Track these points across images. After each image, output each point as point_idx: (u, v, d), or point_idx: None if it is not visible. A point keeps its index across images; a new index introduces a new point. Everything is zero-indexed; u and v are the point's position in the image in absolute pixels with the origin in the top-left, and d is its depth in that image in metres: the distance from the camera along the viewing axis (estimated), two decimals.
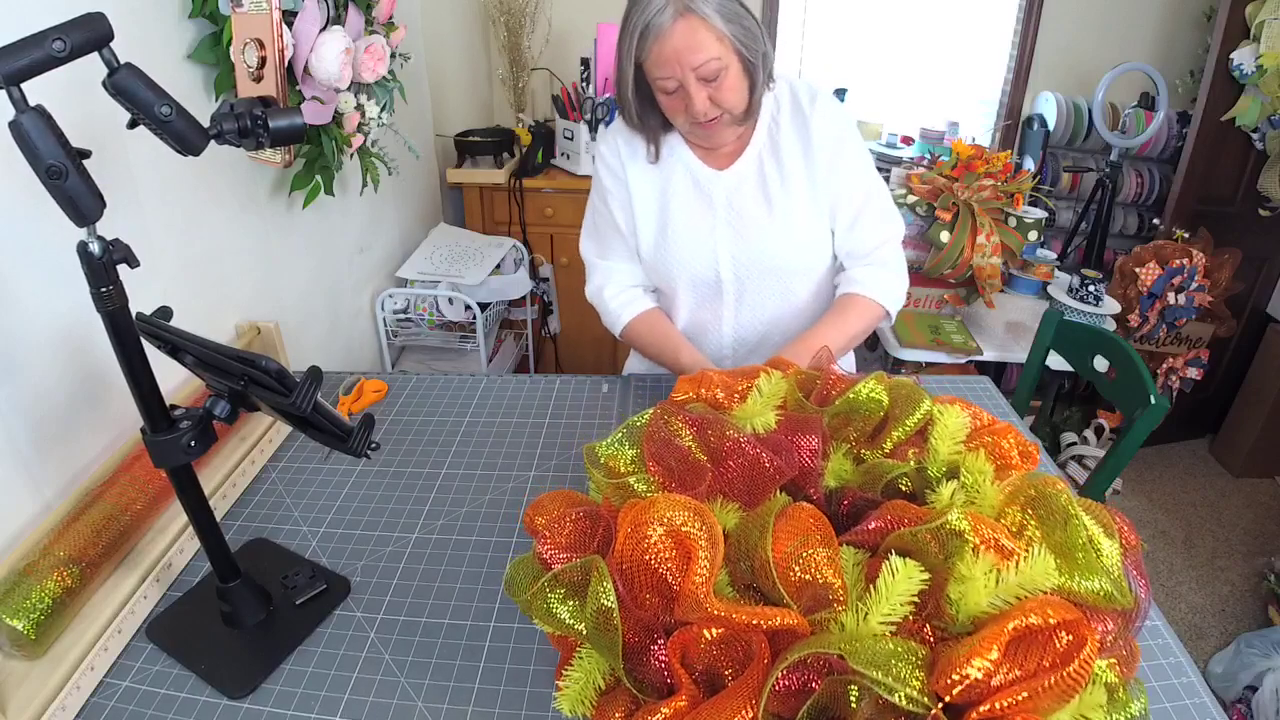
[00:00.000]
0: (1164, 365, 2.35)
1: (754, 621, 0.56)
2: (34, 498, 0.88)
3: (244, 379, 0.67)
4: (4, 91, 0.54)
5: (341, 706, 0.73)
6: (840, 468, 0.76)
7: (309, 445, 1.13)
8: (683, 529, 0.59)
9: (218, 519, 0.82)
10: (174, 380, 1.06)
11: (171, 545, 0.90)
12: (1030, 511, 0.62)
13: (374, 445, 0.71)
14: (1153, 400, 1.19)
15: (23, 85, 0.55)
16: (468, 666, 0.77)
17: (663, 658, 0.59)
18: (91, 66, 0.59)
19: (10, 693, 0.72)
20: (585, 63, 2.28)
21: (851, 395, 0.77)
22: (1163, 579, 2.25)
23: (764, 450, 0.69)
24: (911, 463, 0.72)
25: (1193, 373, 2.34)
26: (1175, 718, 0.71)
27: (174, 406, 0.71)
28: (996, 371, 2.46)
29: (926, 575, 0.56)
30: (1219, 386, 2.70)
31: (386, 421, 1.19)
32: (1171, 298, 2.17)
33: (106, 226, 0.62)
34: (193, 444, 0.71)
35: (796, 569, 0.59)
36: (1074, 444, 2.37)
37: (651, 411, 0.76)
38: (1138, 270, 2.16)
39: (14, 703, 0.70)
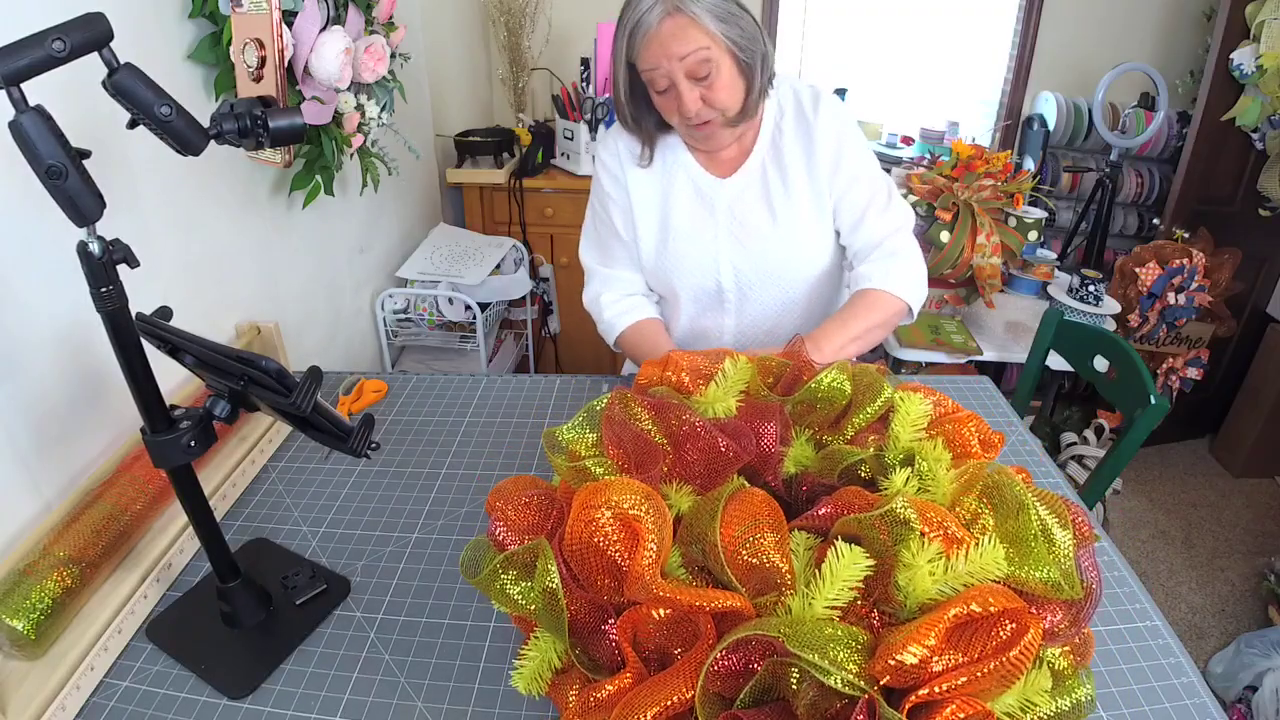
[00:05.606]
0: (1164, 365, 2.35)
1: (699, 604, 0.57)
2: (34, 498, 0.88)
3: (244, 379, 0.67)
4: (4, 91, 0.54)
5: (341, 706, 0.73)
6: (801, 454, 0.76)
7: (309, 445, 1.13)
8: (630, 512, 0.60)
9: (218, 519, 0.82)
10: (174, 380, 1.06)
11: (171, 545, 0.90)
12: (985, 501, 0.63)
13: (374, 445, 0.71)
14: (1153, 400, 1.19)
15: (23, 85, 0.55)
16: (468, 666, 0.77)
17: (615, 636, 0.60)
18: (91, 66, 0.59)
19: (10, 693, 0.72)
20: (585, 63, 2.28)
21: (814, 385, 0.77)
22: (1163, 579, 2.25)
23: (721, 435, 0.69)
24: (870, 449, 0.72)
25: (1193, 373, 2.33)
26: (1175, 718, 0.71)
27: (174, 406, 0.71)
28: (996, 371, 2.46)
29: (872, 561, 0.57)
30: (1219, 386, 2.70)
31: (386, 421, 1.19)
32: (1171, 298, 2.17)
33: (106, 226, 0.62)
34: (193, 444, 0.71)
35: (745, 553, 0.60)
36: (1074, 444, 2.36)
37: (610, 395, 0.76)
38: (1138, 270, 2.16)
39: (14, 703, 0.70)
